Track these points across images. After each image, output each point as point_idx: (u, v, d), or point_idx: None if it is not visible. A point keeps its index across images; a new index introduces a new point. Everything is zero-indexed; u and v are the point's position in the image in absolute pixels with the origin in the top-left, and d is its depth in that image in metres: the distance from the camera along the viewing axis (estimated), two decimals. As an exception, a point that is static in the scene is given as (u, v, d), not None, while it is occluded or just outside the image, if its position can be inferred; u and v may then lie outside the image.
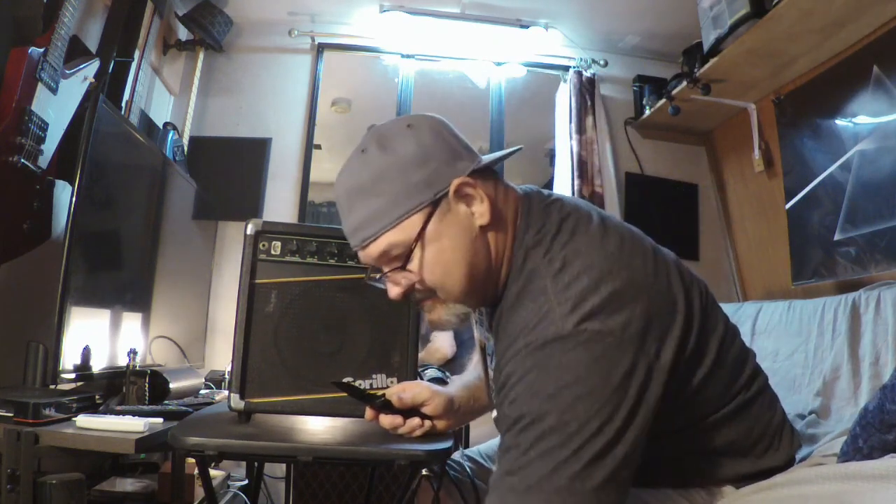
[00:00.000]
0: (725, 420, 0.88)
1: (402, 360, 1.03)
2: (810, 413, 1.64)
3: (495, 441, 1.27)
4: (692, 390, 0.83)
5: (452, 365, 2.66)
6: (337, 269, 1.04)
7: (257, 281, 1.01)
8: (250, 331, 0.99)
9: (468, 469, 1.17)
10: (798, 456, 0.97)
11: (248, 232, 1.03)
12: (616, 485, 0.70)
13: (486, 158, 0.88)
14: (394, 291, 0.86)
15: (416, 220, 0.81)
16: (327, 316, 1.02)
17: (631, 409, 0.72)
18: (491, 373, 1.00)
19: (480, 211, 0.83)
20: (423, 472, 1.21)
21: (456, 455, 1.21)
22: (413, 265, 0.83)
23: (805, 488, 0.77)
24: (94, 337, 1.58)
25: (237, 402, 0.97)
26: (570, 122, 2.81)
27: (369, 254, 0.85)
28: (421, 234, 0.81)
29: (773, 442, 0.92)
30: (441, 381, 2.14)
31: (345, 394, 0.97)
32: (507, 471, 0.72)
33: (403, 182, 0.81)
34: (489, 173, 0.88)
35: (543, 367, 0.73)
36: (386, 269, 0.85)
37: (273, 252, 1.03)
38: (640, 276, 0.79)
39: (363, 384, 1.01)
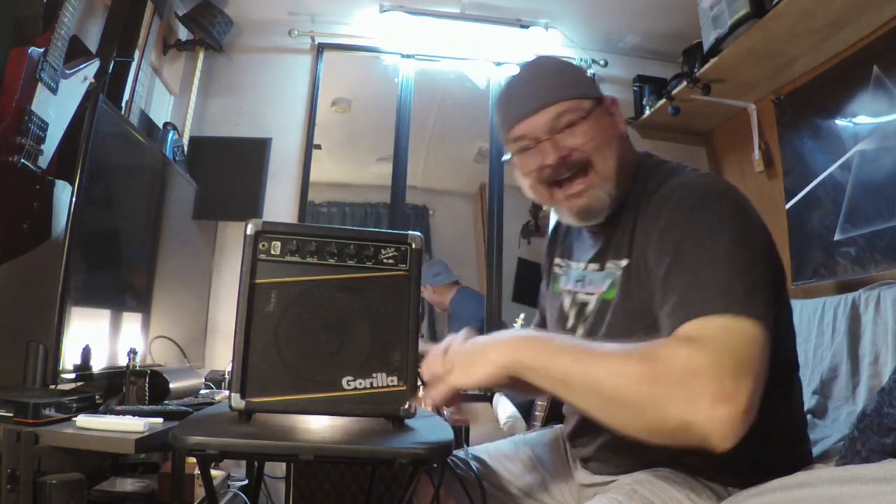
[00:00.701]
0: (785, 393, 0.90)
1: (402, 359, 1.03)
2: (807, 413, 1.64)
3: (502, 442, 1.28)
4: (777, 334, 0.79)
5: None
6: (337, 269, 1.04)
7: (257, 281, 1.01)
8: (250, 331, 0.99)
9: (474, 468, 1.18)
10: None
11: (248, 232, 1.02)
12: (769, 313, 0.76)
13: None
14: (551, 157, 0.99)
15: (586, 103, 1.01)
16: (327, 316, 1.02)
17: (766, 263, 0.83)
18: (571, 288, 1.11)
19: (622, 126, 1.06)
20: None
21: (460, 453, 1.21)
22: (579, 131, 0.98)
23: (803, 492, 0.77)
24: (94, 337, 1.58)
25: (238, 401, 0.97)
26: (570, 122, 2.81)
27: (538, 120, 1.00)
28: (589, 112, 1.00)
29: (803, 435, 0.94)
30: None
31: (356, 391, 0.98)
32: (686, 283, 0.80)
33: (581, 76, 1.09)
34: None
35: (704, 209, 0.87)
36: (547, 137, 0.99)
37: (273, 252, 1.03)
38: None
39: (363, 384, 1.01)
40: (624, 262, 0.98)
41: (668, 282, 0.84)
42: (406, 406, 1.01)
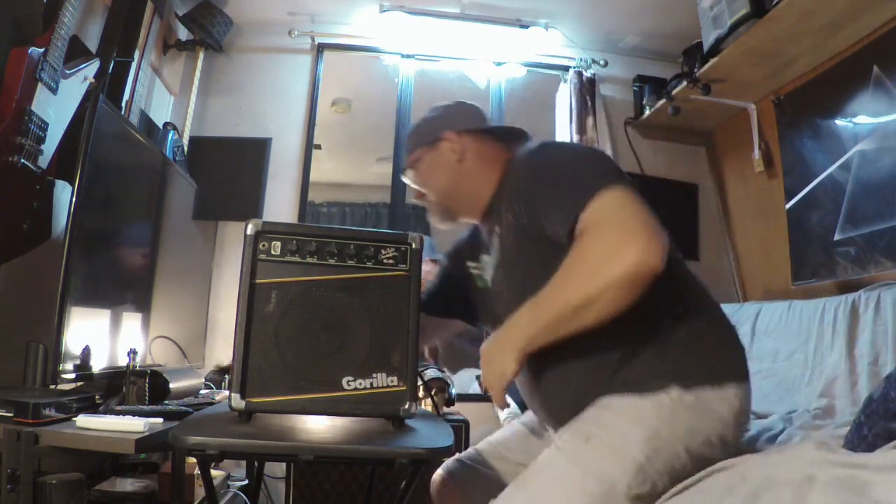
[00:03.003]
0: (692, 312, 1.06)
1: (402, 359, 1.03)
2: (815, 409, 1.64)
3: (500, 431, 1.37)
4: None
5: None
6: (337, 269, 1.04)
7: (257, 281, 1.01)
8: (250, 331, 0.99)
9: (482, 467, 1.26)
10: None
11: (248, 232, 1.03)
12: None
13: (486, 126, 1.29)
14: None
15: (418, 152, 1.29)
16: (327, 316, 1.02)
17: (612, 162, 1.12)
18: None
19: (455, 155, 1.24)
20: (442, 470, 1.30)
21: (471, 453, 1.33)
22: (419, 170, 1.29)
23: (813, 470, 0.77)
24: (94, 337, 1.58)
25: (238, 401, 0.97)
26: (571, 122, 2.82)
27: (406, 160, 1.34)
28: (422, 157, 1.29)
29: (726, 344, 1.07)
30: (441, 381, 2.14)
31: (344, 392, 0.99)
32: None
33: (426, 128, 1.32)
34: (483, 133, 1.27)
35: (551, 150, 1.17)
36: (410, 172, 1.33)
37: (273, 252, 1.03)
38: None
39: (363, 384, 1.01)
40: (498, 228, 1.18)
41: (543, 204, 1.04)
42: (406, 406, 1.01)
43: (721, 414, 0.99)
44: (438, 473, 1.34)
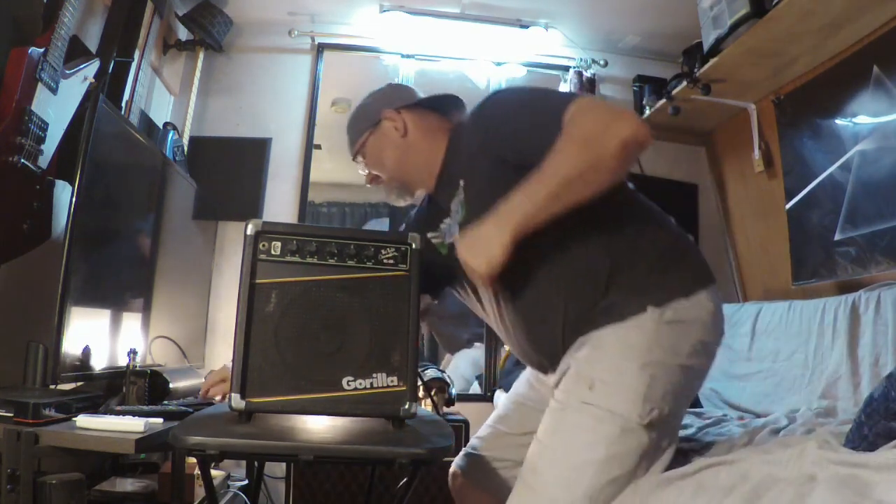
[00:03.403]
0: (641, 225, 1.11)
1: (402, 359, 1.03)
2: (817, 409, 1.64)
3: (506, 416, 1.38)
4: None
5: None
6: (337, 269, 1.04)
7: (257, 281, 1.01)
8: (251, 331, 0.99)
9: (487, 452, 1.31)
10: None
11: (248, 232, 1.02)
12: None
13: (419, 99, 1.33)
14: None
15: (363, 136, 1.32)
16: (327, 316, 1.02)
17: None
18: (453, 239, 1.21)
19: (397, 132, 1.27)
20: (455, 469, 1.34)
21: (473, 442, 1.36)
22: (366, 153, 1.32)
23: (814, 469, 0.77)
24: (94, 337, 1.58)
25: (238, 402, 0.97)
26: (570, 122, 2.82)
27: (353, 151, 1.36)
28: (366, 139, 1.32)
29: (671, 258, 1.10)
30: (441, 381, 2.14)
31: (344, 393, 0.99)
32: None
33: (363, 113, 1.35)
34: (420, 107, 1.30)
35: (502, 93, 1.26)
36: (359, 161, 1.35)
37: (273, 252, 1.03)
38: None
39: (363, 384, 1.01)
40: (461, 183, 1.18)
41: (520, 136, 1.08)
42: (406, 406, 1.01)
43: (700, 318, 1.05)
44: (451, 473, 1.39)
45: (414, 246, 1.07)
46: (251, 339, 0.99)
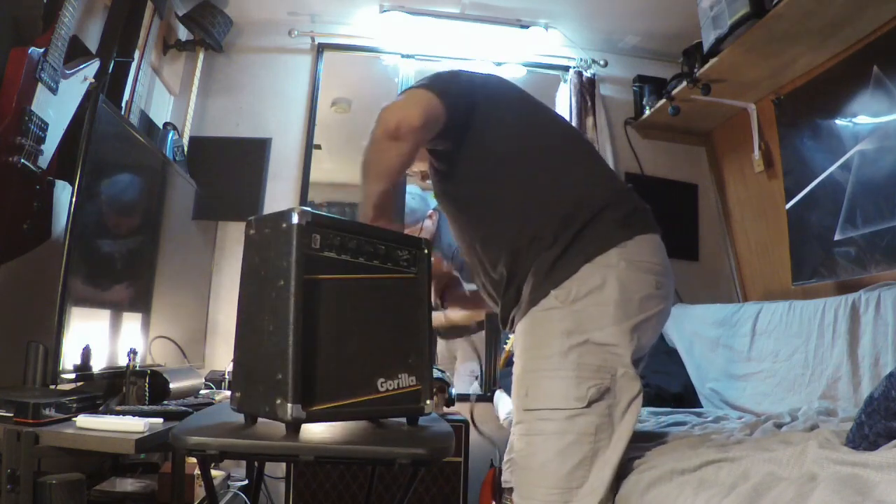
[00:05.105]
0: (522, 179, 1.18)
1: (418, 359, 1.04)
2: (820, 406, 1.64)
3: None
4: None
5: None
6: (367, 269, 1.00)
7: (306, 277, 0.90)
8: (299, 332, 0.88)
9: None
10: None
11: (296, 221, 0.91)
12: None
13: None
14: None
15: None
16: (360, 317, 0.98)
17: None
18: None
19: None
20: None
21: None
22: None
23: (815, 468, 0.77)
24: (94, 337, 1.58)
25: (298, 412, 0.86)
26: (571, 122, 2.82)
27: None
28: None
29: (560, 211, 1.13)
30: (441, 381, 2.14)
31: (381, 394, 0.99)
32: None
33: None
34: None
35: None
36: None
37: (314, 246, 0.94)
38: None
39: (392, 385, 1.01)
40: None
41: None
42: (427, 403, 1.04)
43: (609, 278, 1.05)
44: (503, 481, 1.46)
45: (427, 250, 1.09)
46: (306, 340, 0.89)
